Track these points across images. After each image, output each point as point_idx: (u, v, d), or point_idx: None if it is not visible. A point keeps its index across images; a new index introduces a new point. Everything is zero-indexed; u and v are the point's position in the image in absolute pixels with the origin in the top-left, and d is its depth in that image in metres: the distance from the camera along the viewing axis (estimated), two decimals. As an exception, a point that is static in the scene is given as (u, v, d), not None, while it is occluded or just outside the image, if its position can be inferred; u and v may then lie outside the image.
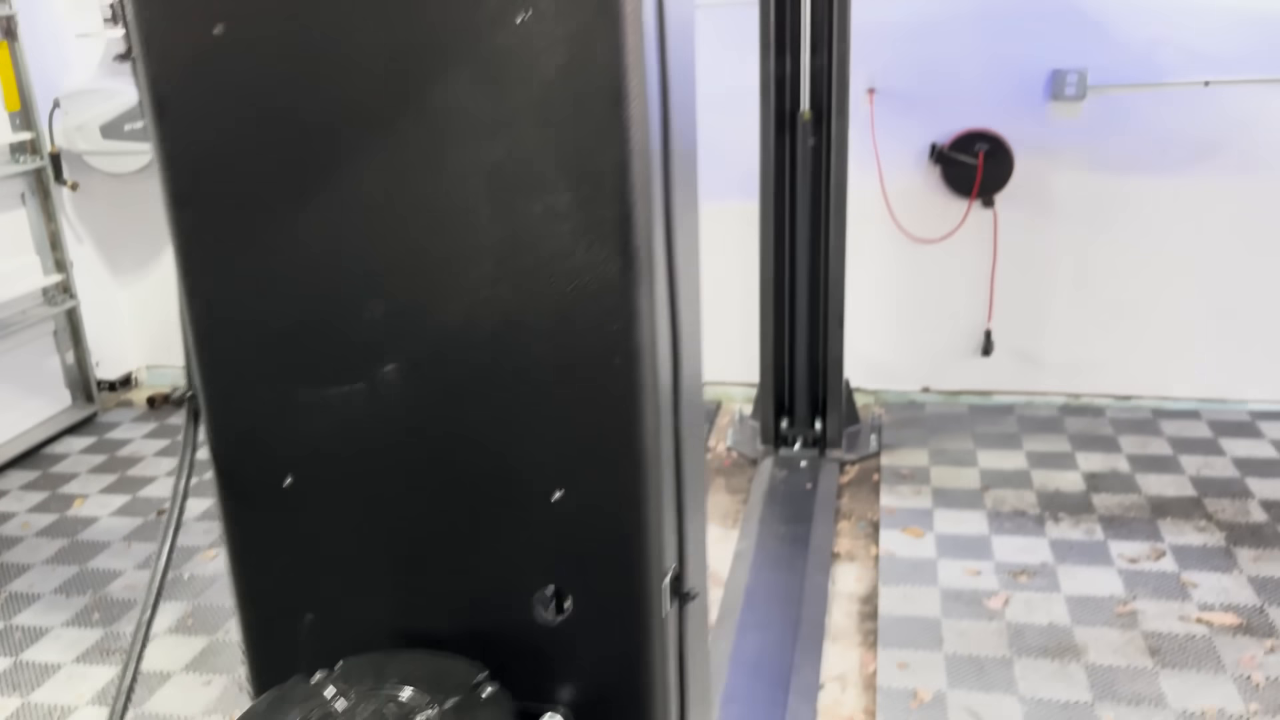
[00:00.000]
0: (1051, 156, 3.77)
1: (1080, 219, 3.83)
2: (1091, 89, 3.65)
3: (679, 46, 1.03)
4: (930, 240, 3.94)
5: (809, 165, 3.55)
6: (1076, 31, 3.62)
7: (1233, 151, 3.66)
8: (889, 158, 3.86)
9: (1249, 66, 3.55)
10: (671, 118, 0.98)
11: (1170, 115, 3.65)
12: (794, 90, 3.49)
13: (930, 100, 3.80)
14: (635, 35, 0.91)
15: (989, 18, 3.67)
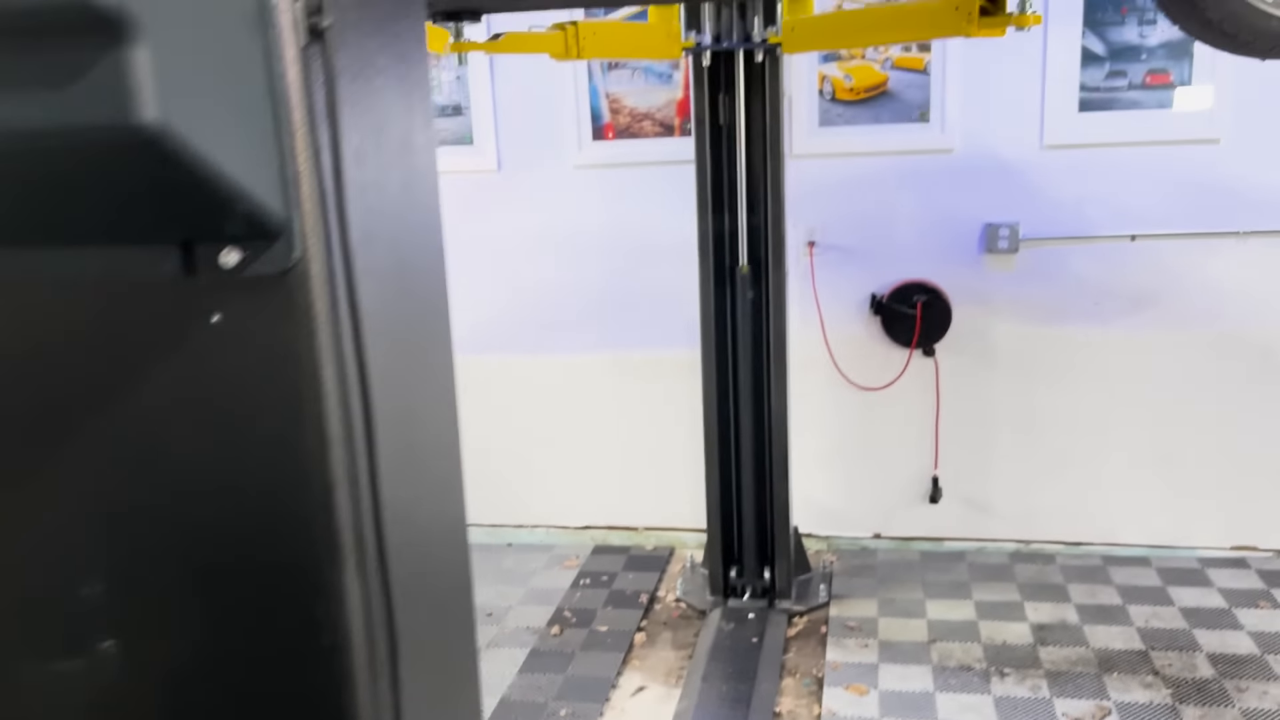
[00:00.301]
0: (988, 307, 3.85)
1: (1020, 367, 3.89)
2: (1024, 242, 3.76)
3: (381, 340, 0.90)
4: (874, 388, 3.98)
5: (749, 317, 3.61)
6: (1007, 187, 3.75)
7: (1163, 303, 3.75)
8: (830, 308, 3.94)
9: (1174, 222, 3.67)
10: (374, 413, 0.85)
11: (1101, 268, 3.75)
12: (732, 246, 3.58)
13: (869, 253, 3.90)
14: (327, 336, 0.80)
15: (923, 174, 3.80)
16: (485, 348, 4.23)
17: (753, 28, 3.30)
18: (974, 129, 3.73)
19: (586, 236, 4.06)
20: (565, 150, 4.01)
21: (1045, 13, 3.58)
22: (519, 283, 4.15)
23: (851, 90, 3.78)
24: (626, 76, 3.92)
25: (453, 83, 4.02)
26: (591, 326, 4.15)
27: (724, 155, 3.51)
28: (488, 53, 2.85)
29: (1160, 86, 3.60)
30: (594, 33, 2.92)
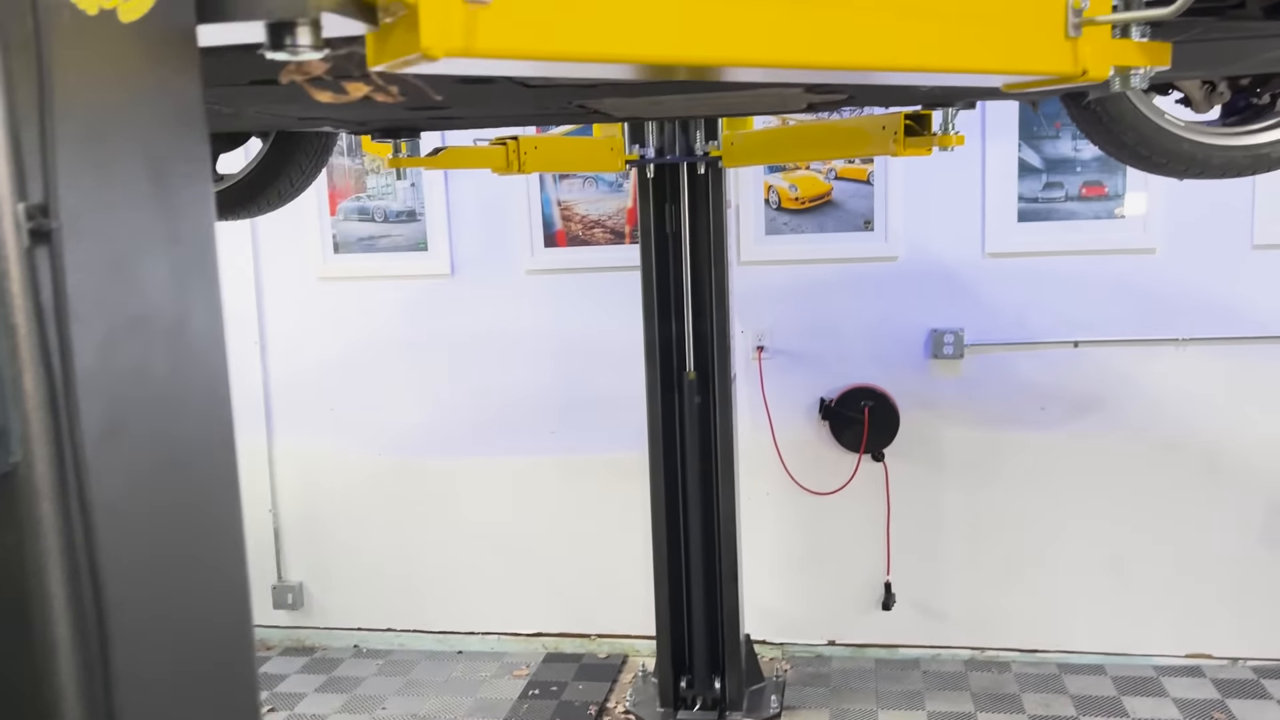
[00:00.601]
0: (936, 412, 3.87)
1: (969, 472, 3.89)
2: (969, 348, 3.80)
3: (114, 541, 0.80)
4: (825, 493, 3.97)
5: (697, 422, 3.61)
6: (951, 295, 3.81)
7: (1107, 409, 3.78)
8: (780, 412, 3.95)
9: (1115, 329, 3.73)
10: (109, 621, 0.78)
11: (1045, 374, 3.79)
12: (679, 351, 3.60)
13: (817, 357, 3.93)
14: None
15: (868, 281, 3.85)
16: (437, 450, 4.20)
17: (695, 141, 3.37)
18: (917, 238, 3.81)
19: (538, 340, 4.08)
20: (518, 256, 4.05)
21: (981, 127, 3.68)
22: (471, 386, 4.15)
23: (797, 200, 3.86)
24: (578, 185, 3.99)
25: (407, 189, 4.07)
26: (543, 429, 4.14)
27: (670, 262, 3.56)
28: (428, 168, 2.91)
29: (1096, 198, 3.69)
30: (535, 147, 2.98)
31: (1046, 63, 1.08)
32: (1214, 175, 2.42)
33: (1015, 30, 1.06)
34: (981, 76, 1.12)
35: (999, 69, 1.06)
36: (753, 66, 0.86)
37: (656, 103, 2.24)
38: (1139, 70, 1.18)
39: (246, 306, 4.21)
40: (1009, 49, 1.06)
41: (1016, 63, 1.07)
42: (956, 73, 1.05)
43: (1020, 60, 1.07)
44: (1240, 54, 1.72)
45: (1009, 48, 1.06)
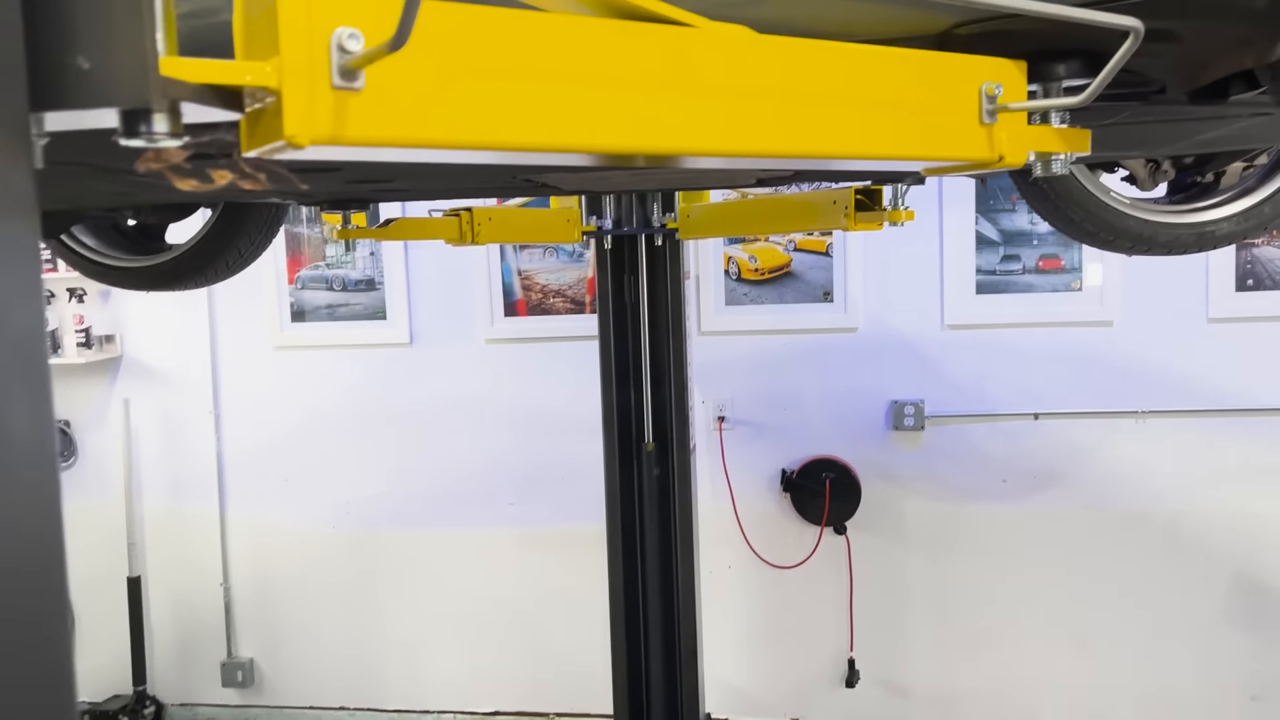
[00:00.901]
0: (897, 484, 3.84)
1: (932, 546, 3.85)
2: (929, 419, 3.78)
3: None
4: (787, 566, 3.91)
5: (656, 494, 3.56)
6: (911, 366, 3.80)
7: (1069, 482, 3.76)
8: (741, 484, 3.90)
9: (1074, 401, 3.72)
10: None
11: (1006, 446, 3.77)
12: (638, 422, 3.56)
13: (778, 429, 3.90)
14: None
15: (828, 352, 3.84)
16: (393, 522, 4.12)
17: (652, 214, 3.37)
18: (876, 309, 3.81)
19: (498, 410, 4.03)
20: (477, 325, 4.02)
21: (939, 200, 3.71)
22: (429, 456, 4.08)
23: (756, 271, 3.86)
24: (538, 255, 3.98)
25: (366, 258, 4.05)
26: (502, 501, 4.08)
27: (629, 333, 3.53)
28: (378, 240, 2.89)
29: (1053, 270, 3.71)
30: (490, 219, 2.96)
31: (961, 149, 1.06)
32: (1160, 252, 2.43)
33: (931, 117, 1.05)
34: (899, 163, 1.11)
35: (914, 156, 1.05)
36: (647, 153, 0.84)
37: (604, 178, 2.23)
38: (1059, 156, 1.17)
39: (201, 375, 4.15)
40: (924, 136, 1.05)
41: (931, 149, 1.06)
42: (867, 160, 1.03)
43: (935, 147, 1.06)
44: (1174, 136, 1.73)
45: (924, 135, 1.05)
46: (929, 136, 1.06)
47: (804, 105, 0.96)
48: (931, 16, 1.08)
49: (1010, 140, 1.08)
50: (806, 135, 0.97)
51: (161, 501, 4.22)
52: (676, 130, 0.86)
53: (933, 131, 1.06)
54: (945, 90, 1.05)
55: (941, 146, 1.07)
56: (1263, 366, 3.60)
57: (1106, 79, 0.97)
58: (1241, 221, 2.34)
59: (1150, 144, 1.80)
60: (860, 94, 1.00)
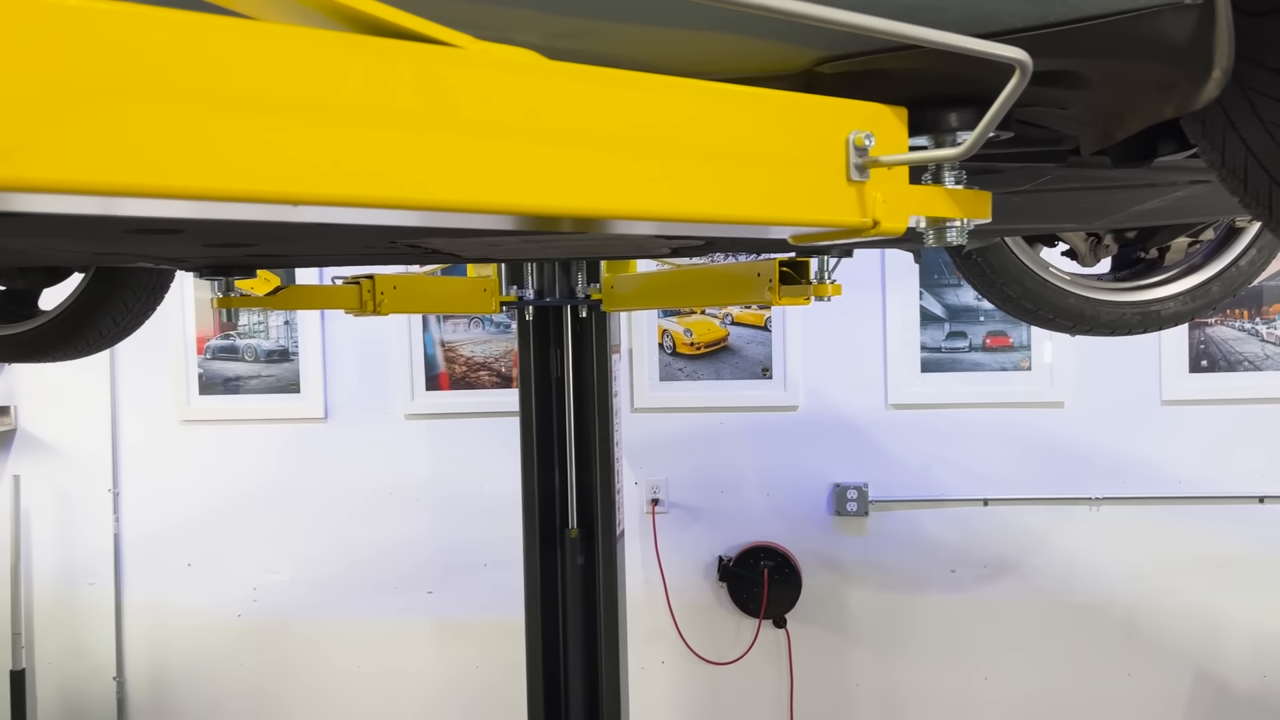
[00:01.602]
0: (841, 573, 3.61)
1: (878, 639, 3.60)
2: (874, 504, 3.57)
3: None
4: (723, 662, 3.65)
5: (580, 584, 3.31)
6: (854, 447, 3.60)
7: (1021, 571, 3.55)
8: (675, 572, 3.66)
9: (1025, 487, 3.53)
10: None
11: (955, 533, 3.56)
12: (562, 506, 3.32)
13: (715, 512, 3.67)
14: None
15: (768, 432, 3.64)
16: (303, 611, 3.83)
17: (576, 283, 3.18)
18: (817, 386, 3.61)
19: (417, 490, 3.78)
20: (397, 399, 3.78)
21: (881, 273, 3.55)
22: (343, 540, 3.81)
23: (692, 345, 3.66)
24: (463, 325, 3.77)
25: (280, 327, 3.82)
26: (420, 588, 3.80)
27: (554, 410, 3.31)
28: (266, 309, 2.68)
29: (1001, 348, 3.54)
30: (394, 287, 2.75)
31: (824, 211, 0.86)
32: (1104, 332, 2.26)
33: (787, 172, 0.85)
34: (751, 228, 0.91)
35: (763, 219, 0.85)
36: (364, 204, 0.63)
37: (495, 244, 2.03)
38: (954, 223, 0.98)
39: (101, 450, 3.87)
40: (777, 195, 0.85)
41: (786, 211, 0.86)
42: (702, 223, 0.83)
43: (791, 208, 0.86)
44: (1105, 206, 1.55)
45: (777, 194, 0.85)
46: (785, 196, 0.86)
47: (613, 153, 0.76)
48: (788, 50, 0.89)
49: (887, 202, 0.89)
50: (613, 191, 0.76)
51: (52, 588, 3.90)
52: (414, 178, 0.65)
53: (790, 190, 0.86)
54: (805, 139, 0.86)
55: (800, 208, 0.87)
56: (1218, 451, 3.43)
57: (990, 126, 0.77)
58: (1188, 301, 2.18)
59: (1079, 215, 1.62)
60: (690, 140, 0.80)
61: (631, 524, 3.65)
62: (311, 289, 2.70)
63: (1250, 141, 0.88)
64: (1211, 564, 3.46)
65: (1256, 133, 0.86)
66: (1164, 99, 0.84)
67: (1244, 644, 3.49)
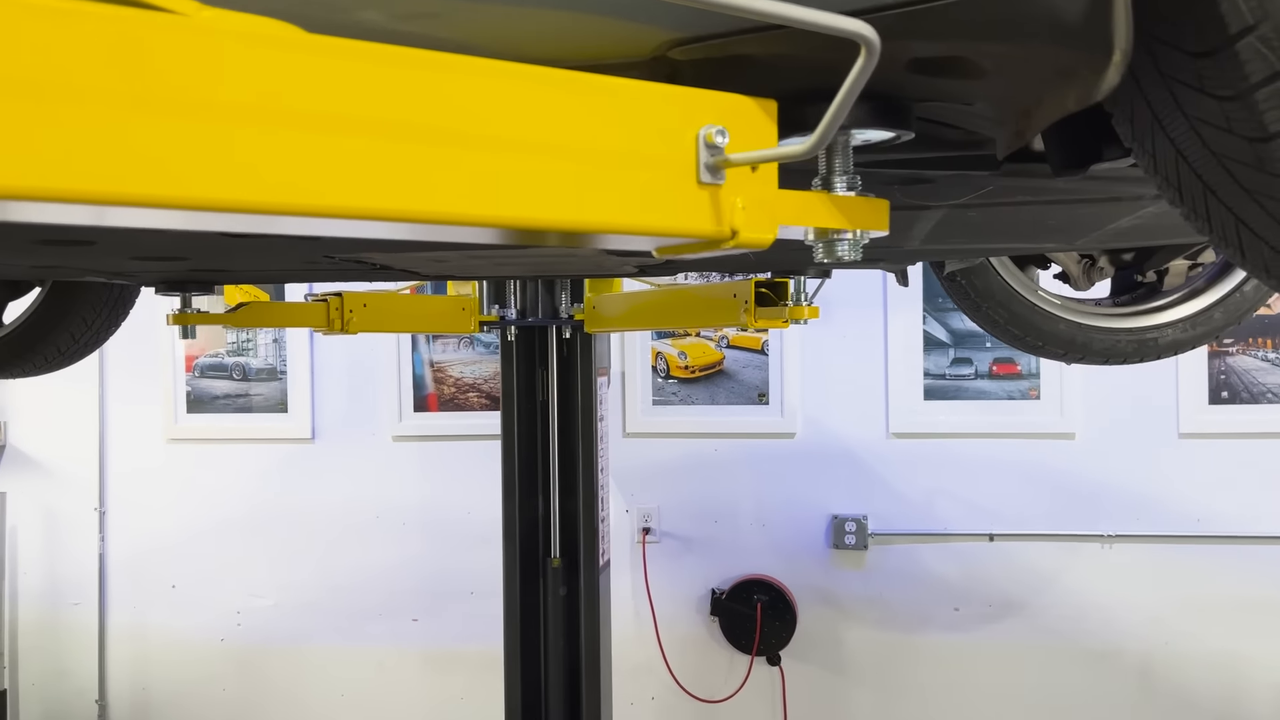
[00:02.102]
0: (838, 609, 3.45)
1: (875, 680, 3.44)
2: (873, 538, 3.41)
3: None
4: (714, 700, 3.50)
5: (562, 617, 3.18)
6: (854, 478, 3.45)
7: (1028, 611, 3.37)
8: (666, 605, 3.52)
9: (1033, 522, 3.36)
10: None
11: (959, 570, 3.40)
12: (545, 534, 3.20)
13: (709, 543, 3.53)
14: None
15: (764, 460, 3.50)
16: (286, 637, 3.74)
17: (560, 303, 3.08)
18: (815, 413, 3.47)
19: (404, 514, 3.68)
20: (385, 420, 3.69)
21: (883, 296, 3.41)
22: (328, 564, 3.72)
23: (686, 368, 3.54)
24: (453, 345, 3.68)
25: (269, 345, 3.75)
26: (405, 616, 3.69)
27: (538, 434, 3.20)
28: (228, 326, 2.60)
29: (1008, 376, 3.38)
30: (365, 305, 2.66)
31: (672, 218, 0.74)
32: (1097, 360, 2.11)
33: (632, 173, 0.74)
34: (593, 236, 0.79)
35: (599, 226, 0.73)
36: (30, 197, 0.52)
37: (441, 259, 1.92)
38: (845, 236, 0.86)
39: (88, 469, 3.82)
40: (619, 199, 0.73)
41: (630, 218, 0.74)
42: (524, 227, 0.72)
43: (635, 214, 0.74)
44: (1075, 223, 1.41)
45: (619, 197, 0.74)
46: (628, 200, 0.74)
47: (405, 146, 0.65)
48: (635, 31, 0.77)
49: (748, 209, 0.76)
50: (405, 190, 0.65)
51: (37, 607, 3.85)
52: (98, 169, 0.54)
53: (634, 194, 0.74)
54: (649, 135, 0.74)
55: (644, 214, 0.75)
56: (1240, 488, 3.24)
57: (837, 117, 0.65)
58: (1187, 328, 2.02)
59: (1050, 233, 1.49)
60: (500, 132, 0.69)
61: (622, 553, 3.52)
62: (274, 306, 2.62)
63: (1179, 142, 0.75)
64: (1233, 608, 3.26)
65: (1183, 132, 0.73)
66: (1066, 89, 0.71)
67: (1269, 694, 3.28)
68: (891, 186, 1.13)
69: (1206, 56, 0.65)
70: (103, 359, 3.79)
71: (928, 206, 1.24)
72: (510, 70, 0.69)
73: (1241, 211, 0.75)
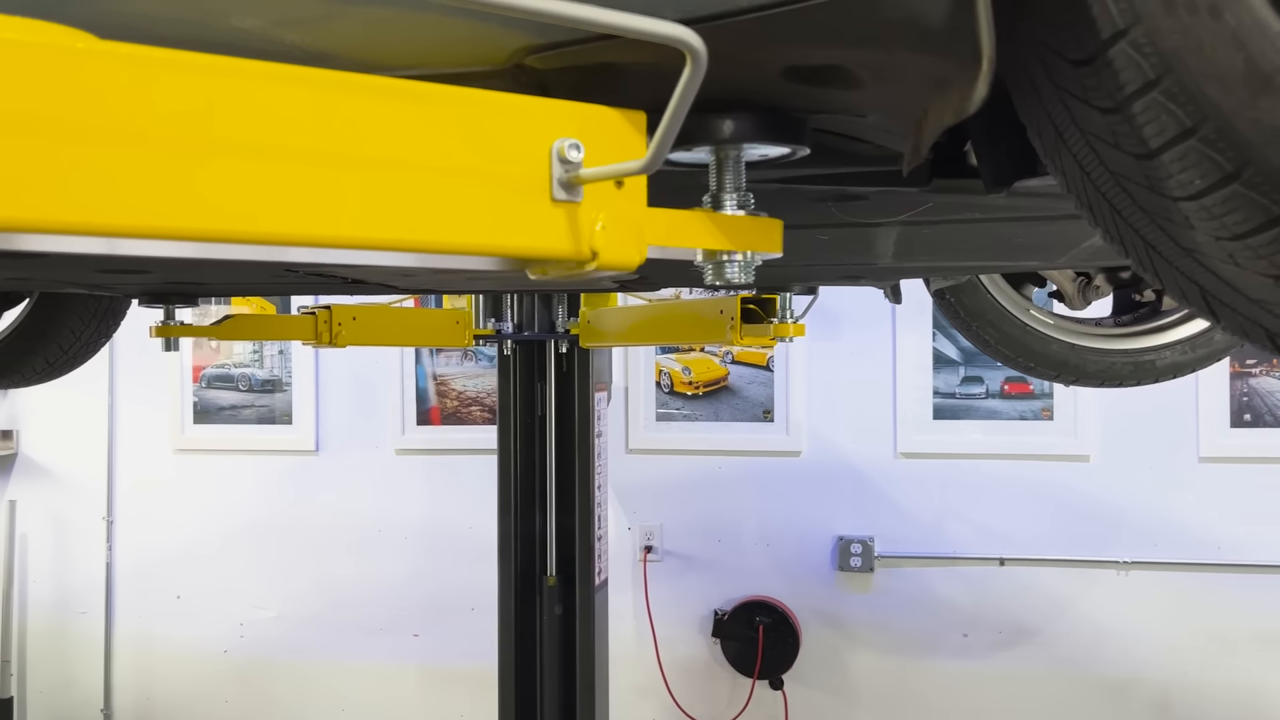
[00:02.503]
0: (843, 633, 3.36)
1: (880, 707, 3.34)
2: (879, 560, 3.33)
3: None
4: (715, 723, 3.42)
5: (558, 636, 3.13)
6: (860, 498, 3.37)
7: (1041, 638, 3.26)
8: (667, 625, 3.45)
9: (1046, 547, 3.25)
10: None
11: (968, 594, 3.29)
12: (541, 551, 3.16)
13: (711, 562, 3.46)
14: None
15: (769, 478, 3.43)
16: (288, 649, 3.72)
17: (557, 317, 3.03)
18: (821, 431, 3.39)
19: (406, 528, 3.65)
20: (388, 433, 3.67)
21: (892, 312, 3.32)
22: (330, 577, 3.70)
23: (690, 384, 3.48)
24: (456, 359, 3.65)
25: (274, 356, 3.75)
26: (405, 631, 3.66)
27: (536, 449, 3.16)
28: (212, 338, 2.58)
29: (1020, 395, 3.28)
30: (354, 318, 2.63)
31: (525, 238, 0.69)
32: (1092, 383, 2.02)
33: (487, 192, 0.69)
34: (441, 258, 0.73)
35: (442, 245, 0.68)
36: None
37: (408, 273, 1.88)
38: (735, 258, 0.80)
39: (97, 478, 3.83)
40: (466, 216, 0.69)
41: (478, 239, 0.69)
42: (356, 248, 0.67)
43: (485, 235, 0.69)
44: (1045, 242, 1.34)
45: (472, 218, 0.69)
46: (478, 219, 0.69)
47: (212, 158, 0.60)
48: (490, 36, 0.72)
49: (609, 229, 0.71)
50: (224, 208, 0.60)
51: (46, 616, 3.87)
52: None
53: (487, 212, 0.70)
54: (500, 149, 0.69)
55: (496, 234, 0.70)
56: (1263, 514, 3.11)
57: (671, 129, 0.60)
58: (1187, 350, 1.93)
59: (1020, 252, 1.41)
60: (346, 148, 0.64)
61: (623, 572, 3.46)
62: (260, 319, 2.60)
63: (1081, 159, 0.69)
64: (1255, 639, 3.13)
65: (1082, 148, 0.67)
66: (944, 100, 0.65)
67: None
68: (826, 203, 1.07)
69: (1085, 65, 0.59)
70: (113, 368, 3.82)
71: (870, 224, 1.17)
72: (346, 82, 0.64)
73: (1147, 235, 0.68)
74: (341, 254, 0.69)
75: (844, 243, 1.42)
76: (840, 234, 1.32)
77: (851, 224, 1.21)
